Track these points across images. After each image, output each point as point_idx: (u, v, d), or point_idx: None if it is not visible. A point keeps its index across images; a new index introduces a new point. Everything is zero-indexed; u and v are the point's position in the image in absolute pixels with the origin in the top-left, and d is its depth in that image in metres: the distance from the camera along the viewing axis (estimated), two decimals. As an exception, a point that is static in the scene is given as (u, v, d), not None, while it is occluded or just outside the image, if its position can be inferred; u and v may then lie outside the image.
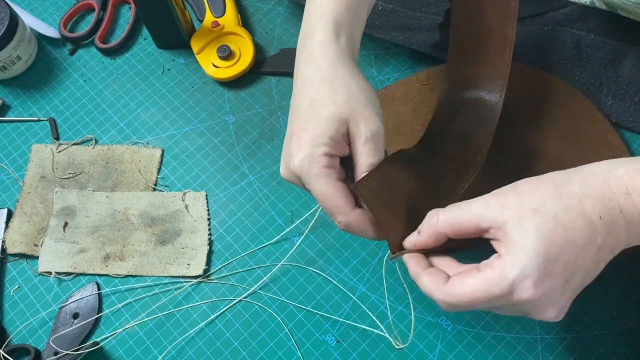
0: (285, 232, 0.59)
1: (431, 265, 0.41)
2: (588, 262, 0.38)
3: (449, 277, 0.40)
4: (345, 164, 0.44)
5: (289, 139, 0.45)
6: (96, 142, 0.66)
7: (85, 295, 0.58)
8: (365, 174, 0.43)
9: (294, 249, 0.58)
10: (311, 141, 0.42)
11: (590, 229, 0.37)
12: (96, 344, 0.55)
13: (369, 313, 0.55)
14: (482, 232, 0.39)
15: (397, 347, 0.53)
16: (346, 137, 0.43)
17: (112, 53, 0.72)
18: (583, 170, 0.39)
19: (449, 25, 0.59)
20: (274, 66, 0.68)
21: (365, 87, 0.45)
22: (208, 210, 0.61)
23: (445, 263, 0.41)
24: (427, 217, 0.41)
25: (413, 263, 0.41)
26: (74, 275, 0.59)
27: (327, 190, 0.42)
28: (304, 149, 0.43)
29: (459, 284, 0.38)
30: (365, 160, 0.43)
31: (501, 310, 0.40)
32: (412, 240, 0.42)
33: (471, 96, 0.57)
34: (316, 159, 0.42)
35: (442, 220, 0.40)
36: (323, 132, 0.42)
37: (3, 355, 0.55)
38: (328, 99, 0.43)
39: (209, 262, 0.59)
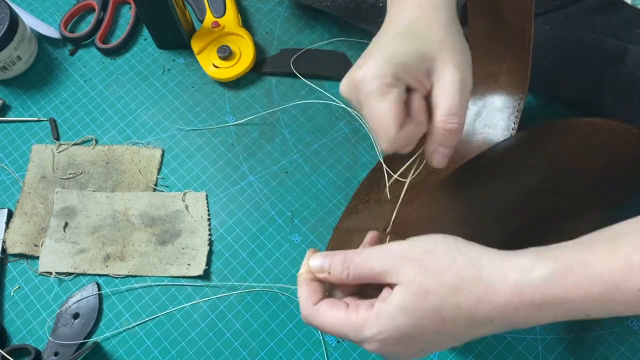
0: (285, 232, 0.59)
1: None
2: (449, 345, 0.38)
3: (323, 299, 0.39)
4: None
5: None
6: (96, 142, 0.66)
7: (85, 295, 0.58)
8: (445, 116, 0.39)
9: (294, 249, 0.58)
10: (384, 59, 0.39)
11: (471, 329, 0.36)
12: (96, 343, 0.55)
13: (369, 313, 0.55)
14: (385, 283, 0.38)
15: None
16: (426, 77, 0.40)
17: (112, 53, 0.72)
18: (494, 271, 0.36)
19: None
20: (274, 66, 0.68)
21: (462, 38, 0.41)
22: (208, 210, 0.61)
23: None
24: (338, 264, 0.39)
25: (302, 271, 0.41)
26: (74, 275, 0.59)
27: (379, 109, 0.39)
28: (372, 62, 0.39)
29: (324, 311, 0.38)
30: (447, 103, 0.39)
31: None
32: (322, 276, 0.40)
33: (491, 99, 0.57)
34: (382, 74, 0.39)
35: (351, 275, 0.39)
36: (400, 55, 0.39)
37: (3, 355, 0.55)
38: (421, 34, 0.40)
39: (209, 262, 0.59)
